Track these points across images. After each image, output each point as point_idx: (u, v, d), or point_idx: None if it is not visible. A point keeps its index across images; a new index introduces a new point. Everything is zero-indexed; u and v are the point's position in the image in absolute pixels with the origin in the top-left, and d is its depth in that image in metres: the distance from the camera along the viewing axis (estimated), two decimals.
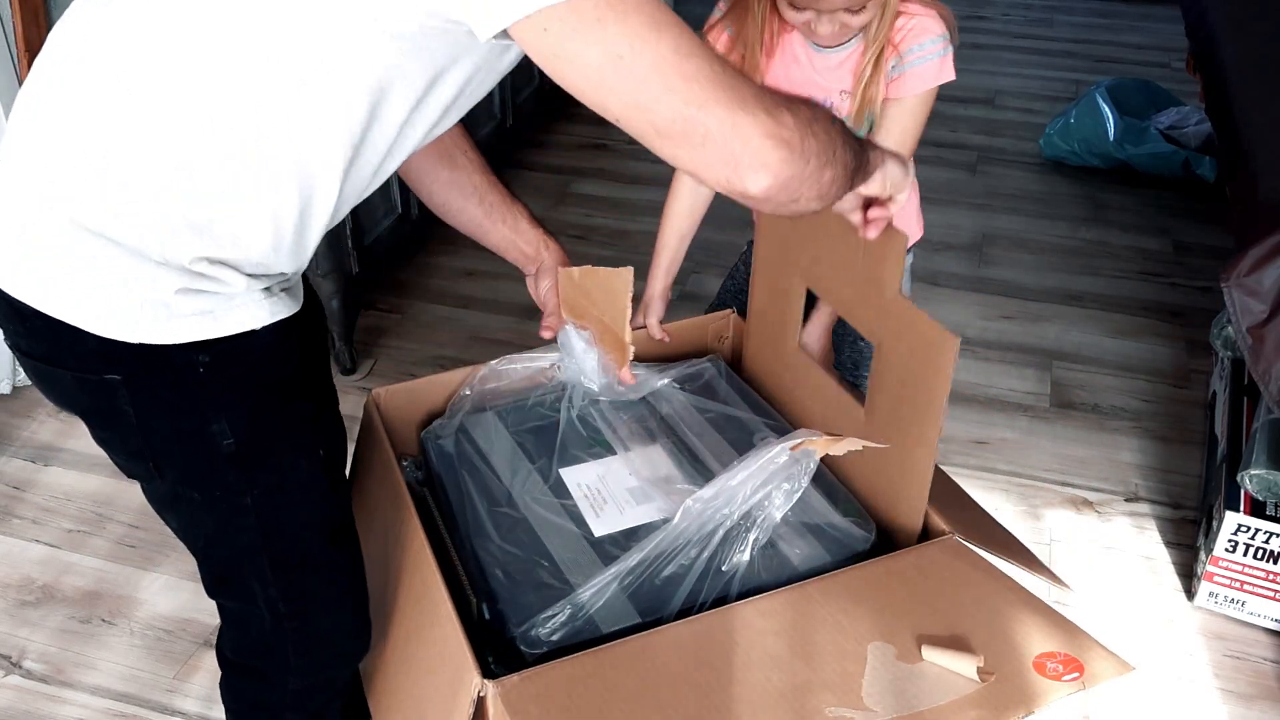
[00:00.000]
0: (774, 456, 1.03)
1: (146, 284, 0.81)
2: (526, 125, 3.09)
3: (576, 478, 1.16)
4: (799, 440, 1.05)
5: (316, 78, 0.76)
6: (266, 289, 0.87)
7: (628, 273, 1.16)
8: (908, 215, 1.44)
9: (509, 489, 1.14)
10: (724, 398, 1.28)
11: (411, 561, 1.04)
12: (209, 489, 0.91)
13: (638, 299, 1.28)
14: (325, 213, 0.85)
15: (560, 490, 1.14)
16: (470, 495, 1.13)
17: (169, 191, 0.78)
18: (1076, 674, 0.90)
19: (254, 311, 0.86)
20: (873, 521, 1.10)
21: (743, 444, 1.20)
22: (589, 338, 1.23)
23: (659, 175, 3.33)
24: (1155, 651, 1.62)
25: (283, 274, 0.89)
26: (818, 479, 1.09)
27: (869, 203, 0.99)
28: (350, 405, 2.15)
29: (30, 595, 1.71)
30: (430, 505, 1.19)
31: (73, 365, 0.85)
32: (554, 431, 1.23)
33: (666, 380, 1.29)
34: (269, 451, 0.92)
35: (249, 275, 0.85)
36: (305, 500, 0.96)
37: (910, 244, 1.36)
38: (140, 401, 0.86)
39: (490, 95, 2.79)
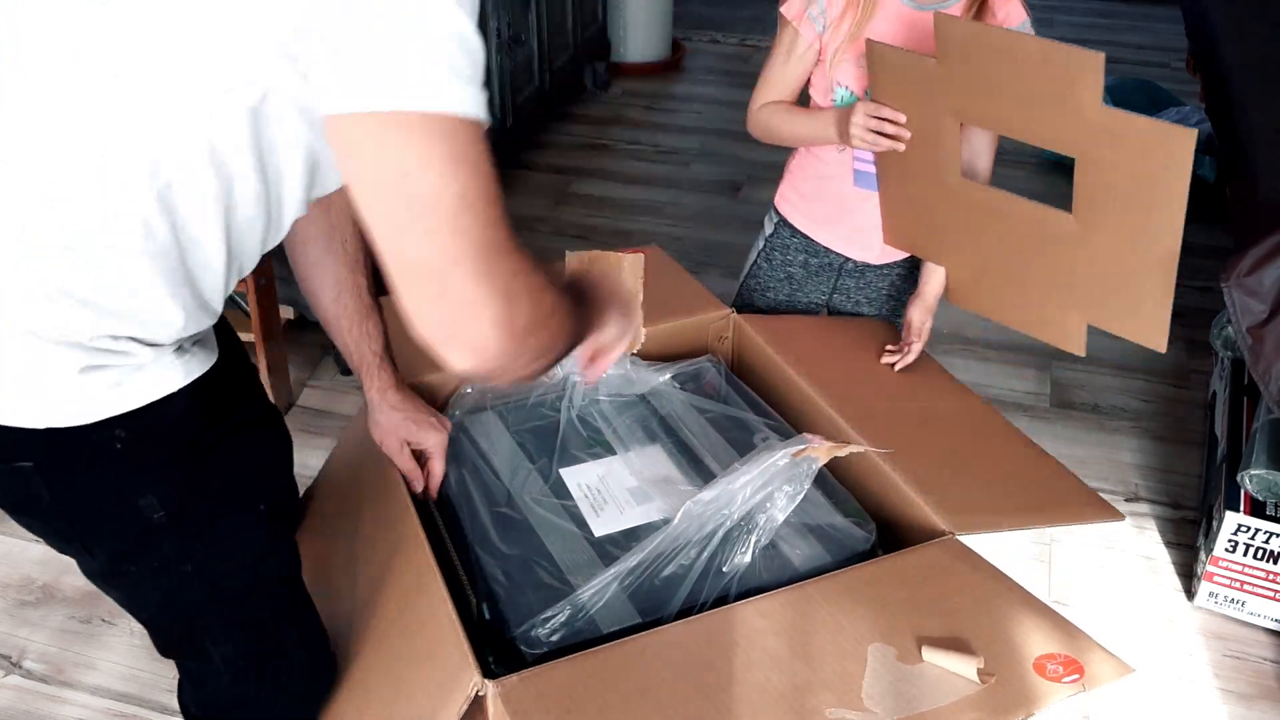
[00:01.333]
0: (775, 460, 1.03)
1: (46, 366, 0.76)
2: (526, 125, 3.09)
3: (577, 478, 1.16)
4: (801, 447, 1.05)
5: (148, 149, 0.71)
6: (178, 349, 0.83)
7: (638, 259, 1.15)
8: None
9: (509, 489, 1.14)
10: (723, 397, 1.28)
11: (411, 561, 1.04)
12: (146, 562, 0.87)
13: None
14: (218, 272, 0.80)
15: (560, 490, 1.14)
16: (471, 495, 1.13)
17: (48, 268, 0.73)
18: (1076, 676, 0.90)
19: (167, 375, 0.81)
20: (873, 522, 1.10)
21: (742, 444, 1.20)
22: None
23: (659, 176, 3.34)
24: (1155, 652, 1.62)
25: (184, 331, 0.83)
26: (818, 479, 1.09)
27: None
28: (350, 405, 2.16)
29: (30, 595, 1.71)
30: (430, 505, 1.19)
31: None
32: (554, 431, 1.23)
33: (666, 380, 1.29)
34: (205, 515, 0.87)
35: (155, 345, 0.80)
36: (249, 558, 0.92)
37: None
38: (57, 487, 0.81)
39: (490, 96, 2.79)
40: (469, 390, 1.27)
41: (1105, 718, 1.51)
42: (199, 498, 0.86)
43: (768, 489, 1.03)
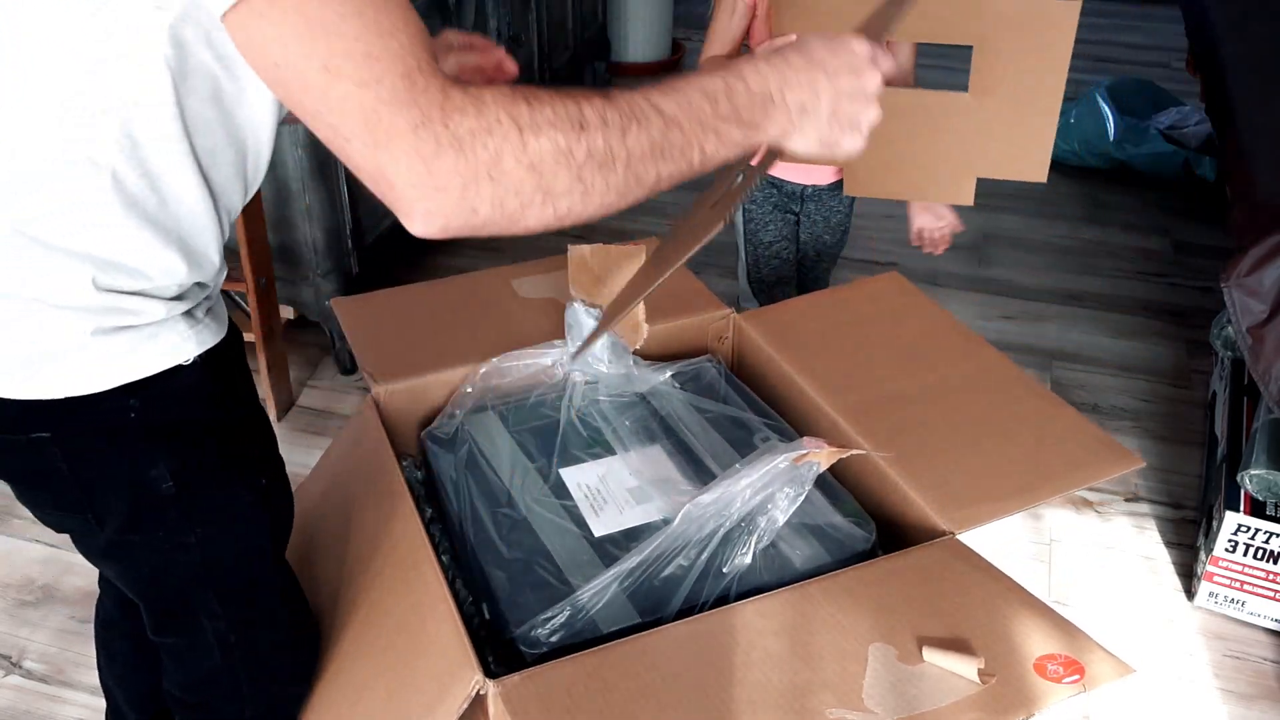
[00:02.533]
0: (777, 464, 1.03)
1: (53, 333, 0.77)
2: None
3: (577, 478, 1.16)
4: (803, 451, 1.04)
5: (110, 59, 0.70)
6: (188, 313, 0.83)
7: (640, 251, 1.16)
8: None
9: (509, 489, 1.14)
10: (723, 397, 1.28)
11: (411, 561, 1.04)
12: (151, 532, 0.88)
13: None
14: (201, 213, 0.80)
15: (560, 491, 1.14)
16: (471, 496, 1.13)
17: (36, 224, 0.74)
18: (1077, 676, 0.90)
19: (179, 343, 0.82)
20: (873, 522, 1.10)
21: (742, 444, 1.20)
22: (599, 315, 1.23)
23: None
24: (1155, 652, 1.62)
25: (200, 286, 0.85)
26: (818, 480, 1.09)
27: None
28: (350, 405, 2.16)
29: (30, 595, 1.71)
30: (430, 505, 1.19)
31: None
32: (554, 431, 1.23)
33: (666, 380, 1.29)
34: (210, 487, 0.89)
35: (167, 299, 0.82)
36: (248, 531, 0.94)
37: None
38: (73, 455, 0.82)
39: None
40: (469, 390, 1.27)
41: (1105, 718, 1.51)
42: (205, 470, 0.88)
43: (768, 490, 1.03)
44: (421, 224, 0.67)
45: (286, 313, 2.16)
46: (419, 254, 2.69)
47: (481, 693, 0.87)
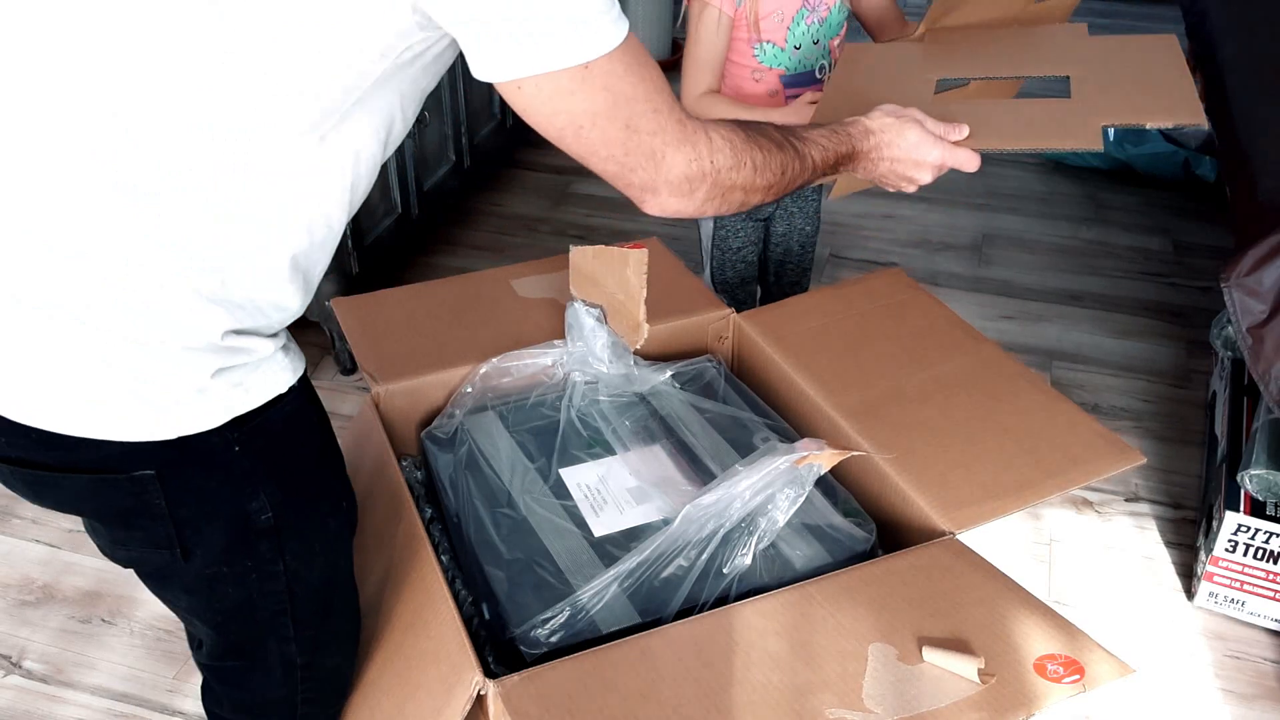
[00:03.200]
0: (777, 465, 1.03)
1: (175, 376, 0.76)
2: (526, 125, 3.09)
3: (576, 478, 1.16)
4: (803, 455, 1.04)
5: (322, 119, 0.74)
6: (284, 347, 0.85)
7: (642, 251, 1.16)
8: None
9: (509, 489, 1.14)
10: (723, 397, 1.28)
11: (411, 562, 1.04)
12: (239, 563, 0.87)
13: None
14: (334, 238, 0.83)
15: (560, 491, 1.14)
16: (470, 496, 1.13)
17: (170, 270, 0.74)
18: (1077, 676, 0.90)
19: (279, 373, 0.83)
20: (873, 522, 1.10)
21: (742, 444, 1.20)
22: (599, 315, 1.23)
23: None
24: (1155, 652, 1.62)
25: (294, 316, 0.86)
26: (818, 480, 1.09)
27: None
28: (350, 405, 2.16)
29: (30, 595, 1.71)
30: (430, 505, 1.19)
31: (89, 468, 0.78)
32: (554, 431, 1.23)
33: (666, 380, 1.29)
34: (304, 517, 0.89)
35: (271, 337, 0.82)
36: (332, 556, 0.95)
37: None
38: (173, 492, 0.81)
39: (490, 95, 2.79)
40: (469, 390, 1.27)
41: (1105, 718, 1.52)
42: (302, 499, 0.88)
43: (769, 491, 1.03)
44: (658, 211, 0.91)
45: None
46: (419, 254, 2.69)
47: (481, 693, 0.87)
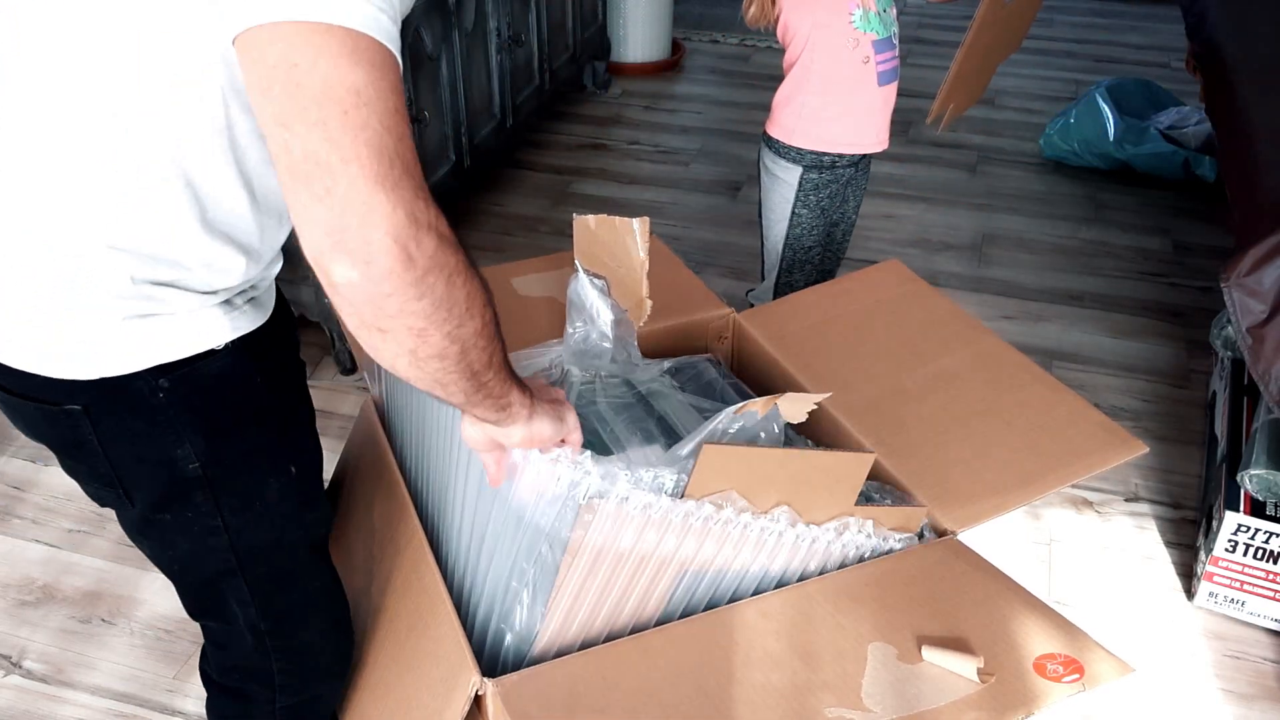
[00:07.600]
0: (725, 426, 1.00)
1: (92, 317, 0.79)
2: (526, 125, 3.09)
3: None
4: (741, 405, 1.01)
5: (177, 85, 0.73)
6: (226, 302, 0.85)
7: (644, 222, 1.15)
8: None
9: None
10: (721, 396, 1.28)
11: (410, 562, 1.04)
12: (179, 512, 0.90)
13: None
14: (259, 211, 0.82)
15: None
16: None
17: (79, 215, 0.76)
18: (1077, 675, 0.90)
19: (210, 329, 0.84)
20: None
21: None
22: (604, 287, 1.21)
23: (658, 176, 3.33)
24: (1155, 652, 1.62)
25: (246, 283, 0.86)
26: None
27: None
28: (350, 405, 2.16)
29: (30, 595, 1.71)
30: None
31: (36, 396, 0.84)
32: None
33: (664, 378, 1.29)
34: (236, 472, 0.90)
35: (200, 293, 0.82)
36: (277, 520, 0.94)
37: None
38: (103, 430, 0.85)
39: (490, 95, 2.79)
40: None
41: (1105, 718, 1.51)
42: (233, 454, 0.89)
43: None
44: (362, 266, 0.64)
45: None
46: None
47: (480, 693, 0.87)
